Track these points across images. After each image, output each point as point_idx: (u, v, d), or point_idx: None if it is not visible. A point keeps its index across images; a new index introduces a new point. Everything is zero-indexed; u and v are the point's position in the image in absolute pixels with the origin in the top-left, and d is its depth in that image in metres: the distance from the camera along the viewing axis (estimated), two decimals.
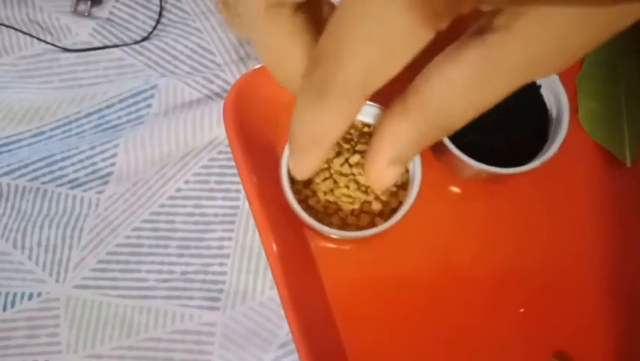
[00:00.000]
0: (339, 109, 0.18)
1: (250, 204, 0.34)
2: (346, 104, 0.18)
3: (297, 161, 0.22)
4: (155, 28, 0.43)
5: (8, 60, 0.42)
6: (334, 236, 0.32)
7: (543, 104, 0.32)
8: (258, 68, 0.36)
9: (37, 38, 0.43)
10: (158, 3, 0.43)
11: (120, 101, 0.41)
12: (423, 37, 0.15)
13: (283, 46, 0.19)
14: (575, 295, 0.35)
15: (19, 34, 0.43)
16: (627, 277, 0.34)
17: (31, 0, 0.43)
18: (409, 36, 0.15)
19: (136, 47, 0.42)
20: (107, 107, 0.41)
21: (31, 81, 0.42)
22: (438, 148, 0.33)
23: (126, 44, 0.42)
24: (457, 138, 0.33)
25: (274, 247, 0.33)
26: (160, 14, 0.43)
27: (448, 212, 0.37)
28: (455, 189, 0.37)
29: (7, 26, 0.43)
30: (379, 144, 0.19)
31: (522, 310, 0.34)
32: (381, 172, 0.19)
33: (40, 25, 0.43)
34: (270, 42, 0.20)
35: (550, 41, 0.15)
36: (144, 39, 0.42)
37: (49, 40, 0.43)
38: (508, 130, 0.33)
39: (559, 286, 0.35)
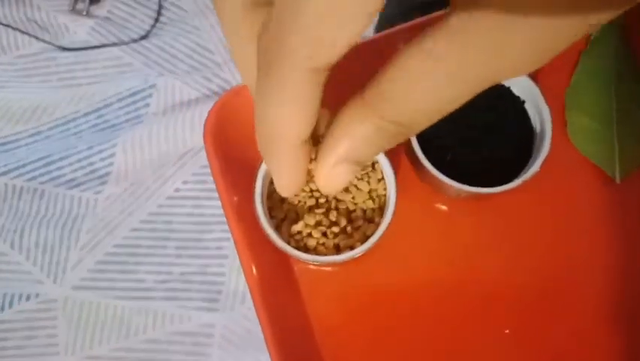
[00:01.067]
0: (289, 91, 0.16)
1: (230, 226, 0.33)
2: (296, 81, 0.16)
3: (272, 172, 0.21)
4: (153, 26, 0.42)
5: (6, 59, 0.42)
6: (310, 262, 0.31)
7: (527, 119, 0.32)
8: (240, 86, 0.36)
9: (36, 37, 0.42)
10: (156, 1, 0.43)
11: (118, 101, 0.41)
12: (375, 1, 0.14)
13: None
14: (562, 315, 0.34)
15: (17, 33, 0.42)
16: (615, 296, 0.34)
17: None
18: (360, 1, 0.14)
19: (134, 45, 0.42)
20: (105, 106, 0.41)
21: (29, 80, 0.42)
22: (419, 168, 0.32)
23: (124, 43, 0.42)
24: (438, 156, 0.32)
25: (254, 269, 0.32)
26: (158, 13, 0.43)
27: (434, 230, 0.36)
28: (441, 206, 0.37)
29: (5, 25, 0.43)
30: (331, 140, 0.17)
31: (507, 331, 0.34)
32: (330, 171, 0.17)
33: (38, 24, 0.43)
34: (247, 49, 0.19)
35: (514, 36, 0.14)
36: (142, 38, 0.42)
37: (47, 39, 0.42)
38: (491, 147, 0.32)
39: (546, 306, 0.34)
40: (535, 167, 0.29)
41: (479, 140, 0.31)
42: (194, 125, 0.39)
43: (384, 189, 0.33)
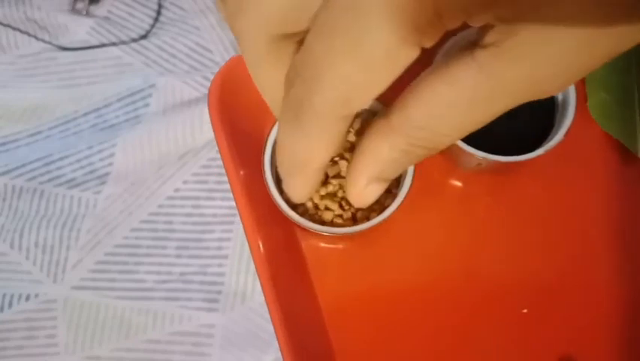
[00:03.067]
0: (318, 132, 0.17)
1: (236, 200, 0.32)
2: (325, 126, 0.16)
3: (288, 185, 0.21)
4: (153, 26, 0.42)
5: (6, 59, 0.42)
6: (325, 233, 0.31)
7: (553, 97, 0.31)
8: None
9: (35, 37, 0.42)
10: (156, 1, 0.43)
11: (118, 100, 0.41)
12: (406, 54, 0.14)
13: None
14: (581, 296, 0.33)
15: (17, 32, 0.42)
16: (636, 278, 0.33)
17: None
18: (390, 53, 0.14)
19: (134, 45, 0.42)
20: (105, 106, 0.41)
21: (29, 80, 0.42)
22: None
23: (124, 43, 0.42)
24: None
25: (261, 246, 0.32)
26: (158, 12, 0.43)
27: (448, 207, 0.36)
28: (456, 182, 0.36)
29: (4, 25, 0.43)
30: (360, 163, 0.18)
31: (525, 310, 0.33)
32: (362, 191, 0.18)
33: (37, 24, 0.43)
34: (272, 80, 0.18)
35: (545, 62, 0.14)
36: (142, 37, 0.42)
37: (47, 38, 0.42)
38: (511, 117, 0.32)
39: (563, 287, 0.33)
40: (559, 136, 0.28)
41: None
42: (194, 125, 0.39)
43: None
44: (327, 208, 0.32)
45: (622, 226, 0.33)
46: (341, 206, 0.32)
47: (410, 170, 0.31)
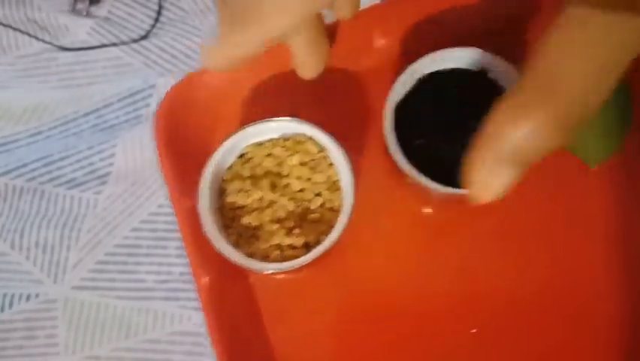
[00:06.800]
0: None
1: (181, 230, 0.32)
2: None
3: (227, 38, 0.21)
4: (153, 26, 0.42)
5: (6, 59, 0.42)
6: (280, 271, 0.30)
7: None
8: (190, 75, 0.35)
9: (36, 37, 0.42)
10: (156, 1, 0.43)
11: (118, 101, 0.41)
12: None
13: None
14: (547, 312, 0.33)
15: (17, 33, 0.43)
16: (594, 286, 0.33)
17: None
18: None
19: (134, 45, 0.42)
20: (105, 106, 0.41)
21: (29, 80, 0.42)
22: (397, 170, 0.30)
23: (124, 43, 0.42)
24: (420, 156, 0.29)
25: (207, 279, 0.31)
26: (158, 13, 0.43)
27: (417, 233, 0.35)
28: (425, 209, 0.36)
29: (5, 25, 0.43)
30: (491, 141, 0.16)
31: (474, 330, 0.33)
32: (489, 175, 0.17)
33: (38, 24, 0.43)
34: None
35: None
36: (143, 38, 0.42)
37: (47, 39, 0.42)
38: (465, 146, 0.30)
39: (528, 303, 0.33)
40: None
41: (465, 136, 0.30)
42: None
43: (339, 174, 0.31)
44: (276, 247, 0.30)
45: (577, 238, 0.33)
46: (291, 232, 0.31)
47: (349, 186, 0.30)
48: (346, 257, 0.34)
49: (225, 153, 0.32)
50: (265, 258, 0.30)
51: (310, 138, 0.32)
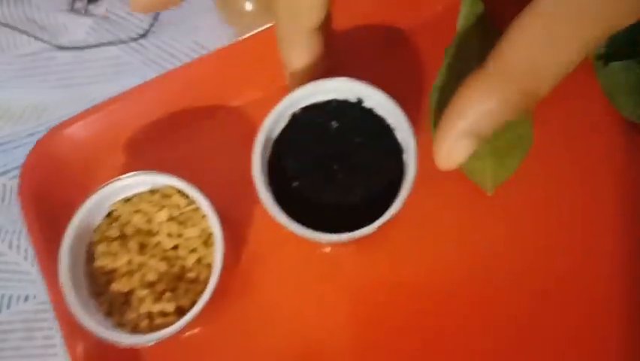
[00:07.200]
0: None
1: (51, 300, 0.30)
2: None
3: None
4: (152, 25, 0.42)
5: (5, 59, 0.42)
6: (129, 345, 0.27)
7: (397, 145, 0.27)
8: (52, 130, 0.34)
9: (35, 37, 0.42)
10: None
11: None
12: None
13: None
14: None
15: (16, 32, 0.42)
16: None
17: None
18: None
19: (133, 44, 0.42)
20: None
21: (27, 80, 0.42)
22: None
23: (123, 42, 0.42)
24: (294, 201, 0.27)
25: (81, 348, 0.28)
26: (157, 12, 0.42)
27: (301, 273, 0.33)
28: (324, 249, 0.34)
29: (3, 24, 0.42)
30: (453, 115, 0.17)
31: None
32: (452, 145, 0.18)
33: (37, 24, 0.43)
34: None
35: None
36: (141, 37, 0.42)
37: (46, 38, 0.42)
38: (357, 182, 0.27)
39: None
40: (393, 208, 0.25)
41: (346, 173, 0.27)
42: None
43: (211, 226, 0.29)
44: (147, 316, 0.28)
45: (477, 260, 0.33)
46: (161, 297, 0.28)
47: (219, 239, 0.28)
48: (242, 305, 0.32)
49: (90, 212, 0.29)
50: (135, 328, 0.28)
51: (178, 191, 0.30)
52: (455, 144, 0.18)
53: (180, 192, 0.30)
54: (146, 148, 0.36)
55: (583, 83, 0.34)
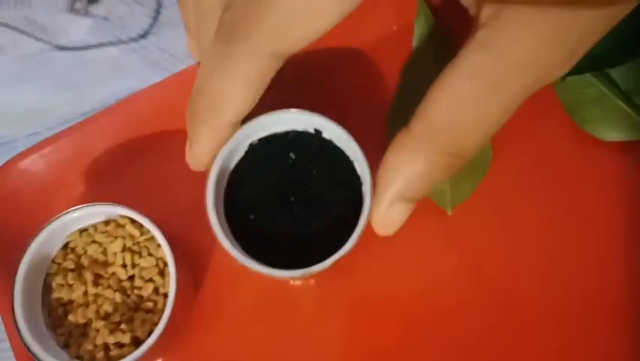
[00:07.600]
0: (244, 65, 0.15)
1: (7, 333, 0.30)
2: (254, 57, 0.15)
3: (192, 137, 0.20)
4: (152, 26, 0.42)
5: (4, 59, 0.42)
6: None
7: (357, 177, 0.26)
8: (7, 163, 0.35)
9: (34, 37, 0.42)
10: (155, 1, 0.42)
11: (116, 101, 0.40)
12: None
13: None
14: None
15: (15, 32, 0.42)
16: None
17: None
18: None
19: (133, 45, 0.42)
20: (103, 106, 0.40)
21: (27, 81, 0.42)
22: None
23: (123, 42, 0.42)
24: (252, 237, 0.26)
25: None
26: (157, 12, 0.42)
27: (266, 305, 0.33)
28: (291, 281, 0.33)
29: (3, 25, 0.42)
30: (383, 178, 0.17)
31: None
32: (386, 211, 0.17)
33: (36, 24, 0.43)
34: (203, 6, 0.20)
35: (544, 32, 0.14)
36: (141, 37, 0.42)
37: (45, 38, 0.42)
38: (316, 214, 0.26)
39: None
40: (349, 244, 0.23)
41: (301, 208, 0.27)
42: None
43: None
44: (103, 346, 0.28)
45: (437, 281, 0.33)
46: (117, 328, 0.28)
47: (171, 267, 0.28)
48: (204, 335, 0.32)
49: (46, 244, 0.29)
50: (92, 360, 0.28)
51: (132, 221, 0.30)
52: (390, 211, 0.18)
53: (134, 222, 0.30)
54: (105, 178, 0.35)
55: (543, 99, 0.33)
